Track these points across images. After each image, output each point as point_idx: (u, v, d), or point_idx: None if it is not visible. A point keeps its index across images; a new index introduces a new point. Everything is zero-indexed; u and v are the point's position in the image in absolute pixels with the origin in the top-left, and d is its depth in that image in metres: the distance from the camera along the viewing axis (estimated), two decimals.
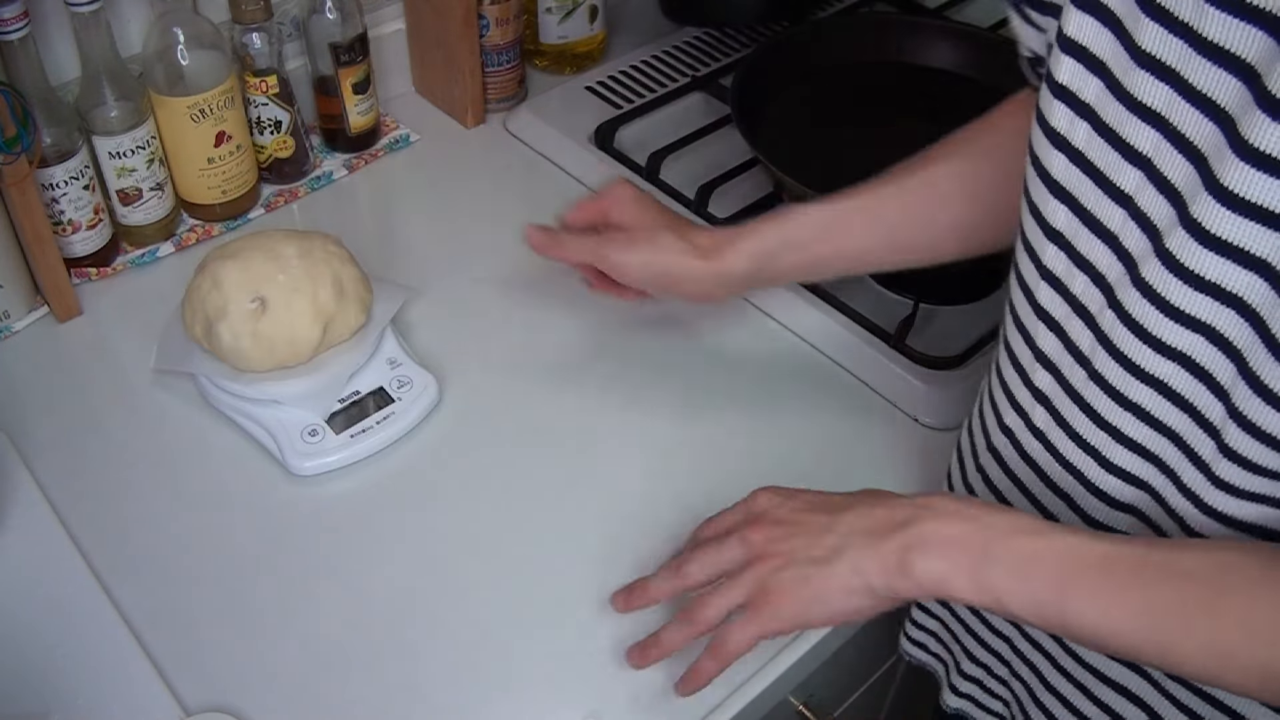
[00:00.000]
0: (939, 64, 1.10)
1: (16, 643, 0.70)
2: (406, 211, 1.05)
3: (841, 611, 0.58)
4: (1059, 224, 0.55)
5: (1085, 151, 0.52)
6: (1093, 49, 0.50)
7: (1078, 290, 0.55)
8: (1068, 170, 0.53)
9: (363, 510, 0.79)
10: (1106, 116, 0.50)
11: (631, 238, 0.78)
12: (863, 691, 1.01)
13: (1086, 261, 0.54)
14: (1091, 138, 0.51)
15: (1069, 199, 0.53)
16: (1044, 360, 0.59)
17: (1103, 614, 0.51)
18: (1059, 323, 0.57)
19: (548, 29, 1.17)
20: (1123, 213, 0.51)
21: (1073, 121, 0.52)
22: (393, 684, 0.70)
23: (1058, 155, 0.53)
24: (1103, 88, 0.50)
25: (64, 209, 0.89)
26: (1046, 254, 0.56)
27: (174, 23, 0.90)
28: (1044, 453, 0.61)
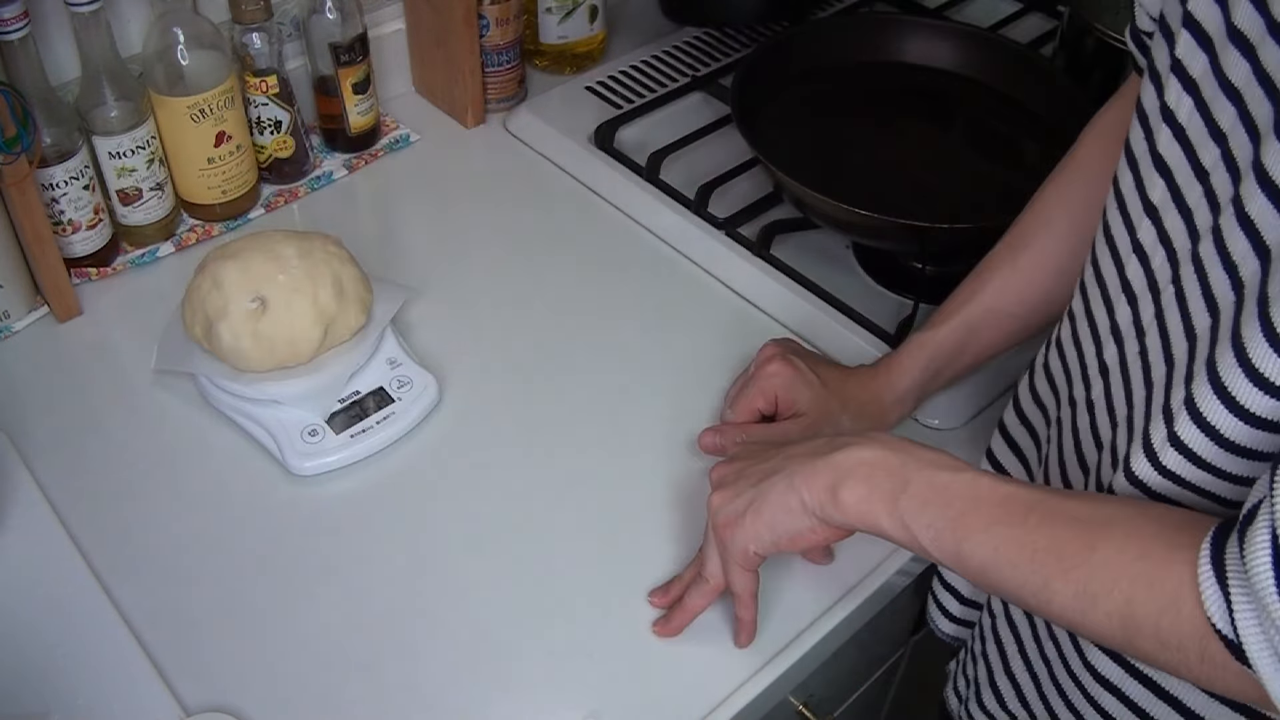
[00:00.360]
0: (939, 64, 1.10)
1: (16, 643, 0.70)
2: (406, 211, 1.05)
3: (790, 530, 0.63)
4: (1156, 198, 0.55)
5: (1186, 127, 0.53)
6: (1204, 24, 0.50)
7: (1156, 265, 0.56)
8: (1170, 145, 0.54)
9: (363, 510, 0.79)
10: (1205, 93, 0.51)
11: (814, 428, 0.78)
12: (863, 691, 1.01)
13: (1168, 236, 0.55)
14: (1192, 114, 0.52)
15: (1167, 174, 0.54)
16: (1115, 333, 0.60)
17: (992, 550, 0.54)
18: (1136, 297, 0.58)
19: (548, 29, 1.17)
20: (1200, 189, 0.52)
21: (1180, 96, 0.53)
22: (393, 684, 0.70)
23: (1164, 129, 0.54)
24: (1206, 64, 0.50)
25: (64, 209, 0.89)
26: (1142, 227, 0.57)
27: (174, 23, 0.90)
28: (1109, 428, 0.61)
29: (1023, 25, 1.27)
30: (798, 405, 0.78)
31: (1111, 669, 0.62)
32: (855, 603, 0.75)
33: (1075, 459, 0.65)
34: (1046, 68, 1.07)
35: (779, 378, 0.78)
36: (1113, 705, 0.63)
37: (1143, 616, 0.49)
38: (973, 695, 0.77)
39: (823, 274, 0.96)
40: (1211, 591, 0.46)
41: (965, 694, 0.79)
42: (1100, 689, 0.64)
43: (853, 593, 0.76)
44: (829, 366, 0.82)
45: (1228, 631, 0.46)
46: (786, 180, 0.93)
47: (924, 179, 1.01)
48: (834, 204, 0.90)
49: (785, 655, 0.72)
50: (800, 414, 0.78)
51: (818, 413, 0.78)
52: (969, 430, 0.87)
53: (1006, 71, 1.08)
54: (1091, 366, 0.63)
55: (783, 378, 0.78)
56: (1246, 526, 0.45)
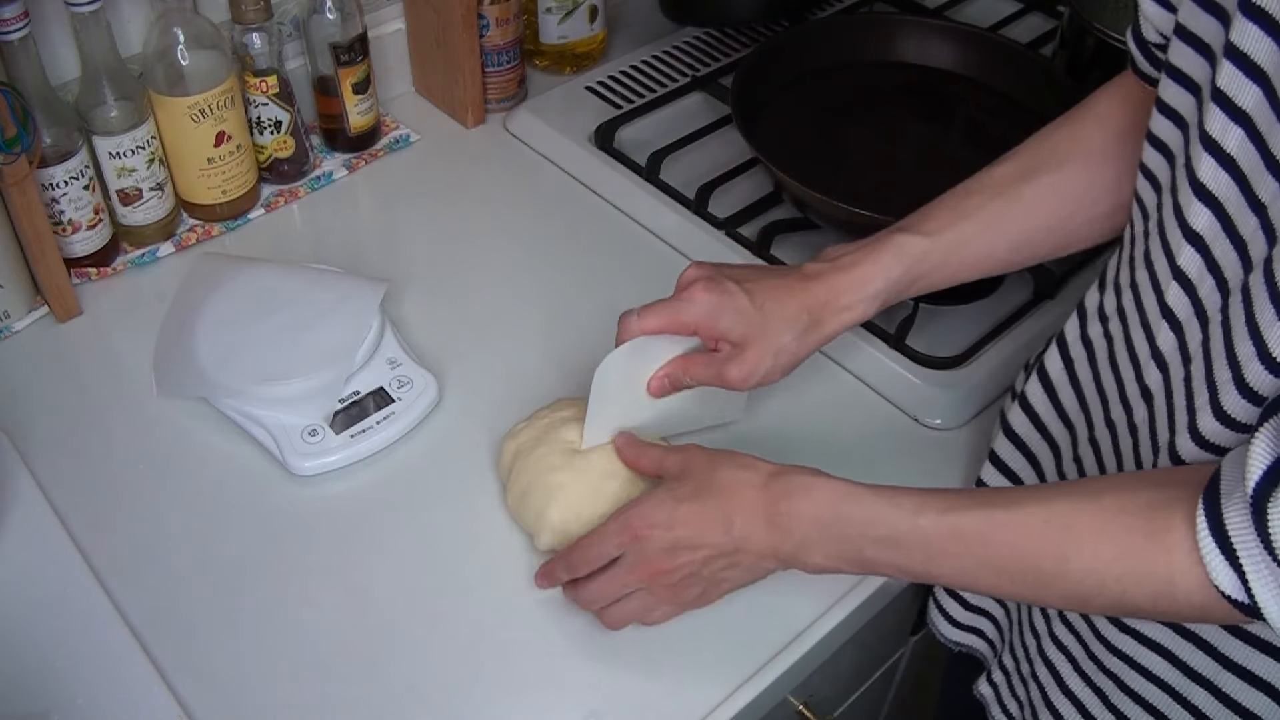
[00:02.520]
0: (939, 64, 1.10)
1: (16, 643, 0.70)
2: (406, 211, 1.05)
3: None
4: (1200, 226, 0.55)
5: (1237, 158, 0.52)
6: (1254, 56, 0.50)
7: (1204, 294, 0.55)
8: (1216, 173, 0.53)
9: (363, 510, 0.79)
10: (1260, 125, 0.50)
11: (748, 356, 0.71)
12: (863, 691, 1.01)
13: (1218, 266, 0.54)
14: (1244, 144, 0.51)
15: (1214, 203, 0.54)
16: (1158, 358, 0.60)
17: (971, 580, 0.59)
18: (1181, 324, 0.58)
19: (548, 29, 1.17)
20: (1255, 221, 0.51)
21: (1226, 126, 0.52)
22: (393, 684, 0.70)
23: (1207, 159, 0.53)
24: (1261, 96, 0.50)
25: (64, 209, 0.89)
26: (1183, 255, 0.56)
27: (174, 23, 0.90)
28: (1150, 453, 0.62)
29: (1023, 25, 1.27)
30: (726, 334, 0.71)
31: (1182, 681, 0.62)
32: (855, 603, 0.75)
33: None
34: (1046, 68, 1.07)
35: (698, 305, 0.70)
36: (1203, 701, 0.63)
37: (1137, 603, 0.52)
38: (1029, 717, 0.76)
39: None
40: (1220, 566, 0.48)
41: (1019, 716, 0.78)
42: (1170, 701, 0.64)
43: (853, 593, 0.76)
44: (766, 278, 0.72)
45: (1241, 598, 0.48)
46: (786, 180, 0.93)
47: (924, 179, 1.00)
48: (834, 204, 0.90)
49: (785, 655, 0.72)
50: (730, 341, 0.71)
51: (750, 339, 0.70)
52: (969, 430, 0.87)
53: (1006, 71, 1.08)
54: (1131, 390, 0.63)
55: (703, 305, 0.70)
56: (1265, 497, 0.46)
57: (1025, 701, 0.76)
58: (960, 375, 0.88)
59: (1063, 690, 0.71)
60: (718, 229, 0.99)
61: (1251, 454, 0.47)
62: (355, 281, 0.89)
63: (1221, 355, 0.53)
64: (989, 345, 0.90)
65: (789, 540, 0.63)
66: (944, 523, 0.58)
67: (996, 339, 0.91)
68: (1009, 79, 1.08)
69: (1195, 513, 0.49)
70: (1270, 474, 0.46)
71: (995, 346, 0.90)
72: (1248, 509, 0.47)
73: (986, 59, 1.09)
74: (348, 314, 0.86)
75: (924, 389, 0.87)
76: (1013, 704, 0.78)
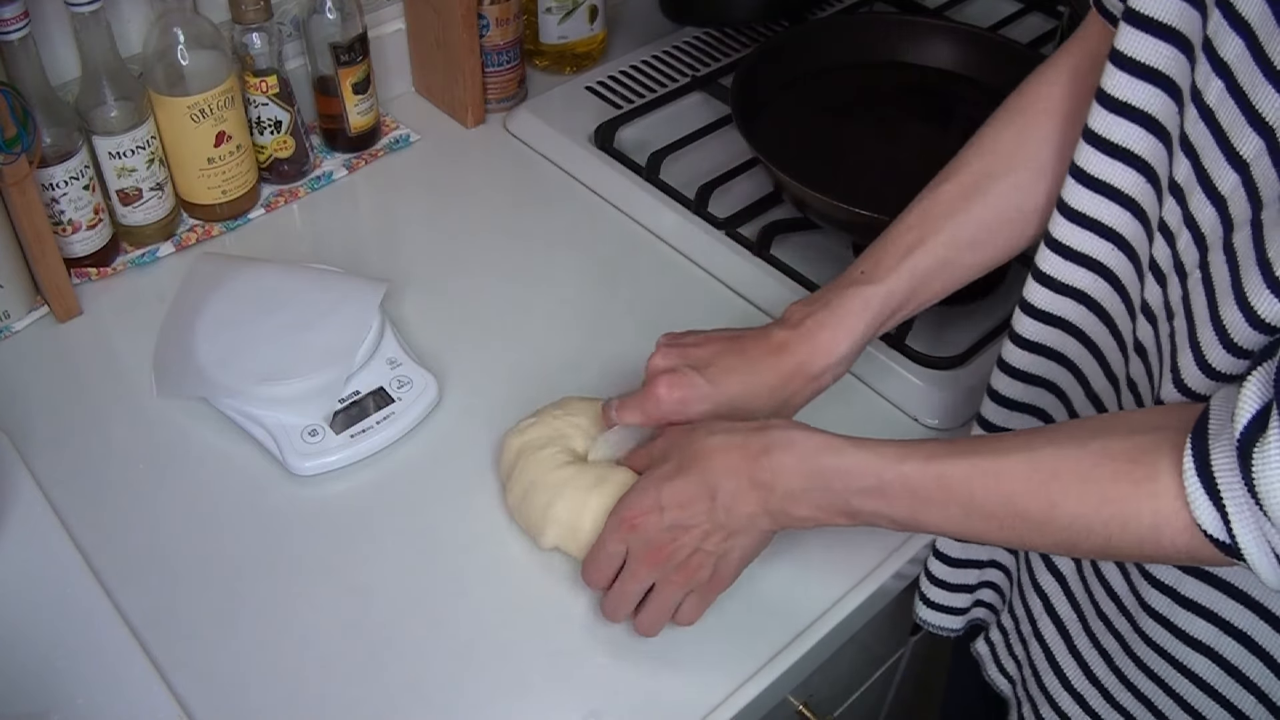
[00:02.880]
0: (939, 64, 1.10)
1: (16, 643, 0.70)
2: (407, 211, 1.05)
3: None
4: (1180, 177, 0.55)
5: (1216, 110, 0.52)
6: (1239, 6, 0.50)
7: (1181, 246, 0.55)
8: (1196, 124, 0.53)
9: (363, 510, 0.79)
10: (1241, 78, 0.50)
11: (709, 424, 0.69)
12: (863, 691, 1.01)
13: (1194, 219, 0.54)
14: (1223, 98, 0.51)
15: (1194, 155, 0.54)
16: (1147, 311, 0.60)
17: (957, 527, 0.58)
18: (1164, 275, 0.58)
19: (548, 29, 1.17)
20: (1235, 178, 0.51)
21: (1209, 78, 0.52)
22: (393, 684, 0.70)
23: (1190, 108, 0.53)
24: (1243, 48, 0.50)
25: (64, 209, 0.89)
26: (1165, 206, 0.57)
27: (174, 23, 0.90)
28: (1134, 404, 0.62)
29: (1023, 25, 1.27)
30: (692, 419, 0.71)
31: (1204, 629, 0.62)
32: (854, 603, 0.75)
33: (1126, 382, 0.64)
34: None
35: (665, 404, 0.70)
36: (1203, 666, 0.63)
37: (1123, 548, 0.53)
38: (1031, 677, 0.76)
39: (823, 274, 0.96)
40: (1204, 506, 0.48)
41: (1018, 676, 0.78)
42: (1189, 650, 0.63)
43: (852, 593, 0.76)
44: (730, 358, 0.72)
45: (1223, 538, 0.48)
46: (786, 180, 0.93)
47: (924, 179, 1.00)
48: (834, 204, 0.90)
49: (785, 655, 0.72)
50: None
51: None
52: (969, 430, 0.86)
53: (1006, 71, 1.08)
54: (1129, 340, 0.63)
55: (669, 404, 0.70)
56: (1251, 442, 0.46)
57: (1026, 661, 0.76)
58: (960, 375, 0.88)
59: (1070, 650, 0.71)
60: (718, 229, 0.99)
61: (1242, 396, 0.47)
62: (355, 281, 0.89)
63: (1205, 315, 0.53)
64: (989, 345, 0.90)
65: (774, 496, 0.63)
66: (929, 470, 0.58)
67: (996, 339, 0.91)
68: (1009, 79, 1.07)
69: (1182, 454, 0.49)
70: (1258, 418, 0.46)
71: (995, 346, 0.90)
72: (1234, 451, 0.47)
73: (986, 59, 1.09)
74: (348, 314, 0.86)
75: (924, 389, 0.87)
76: (1011, 663, 0.79)
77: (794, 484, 0.62)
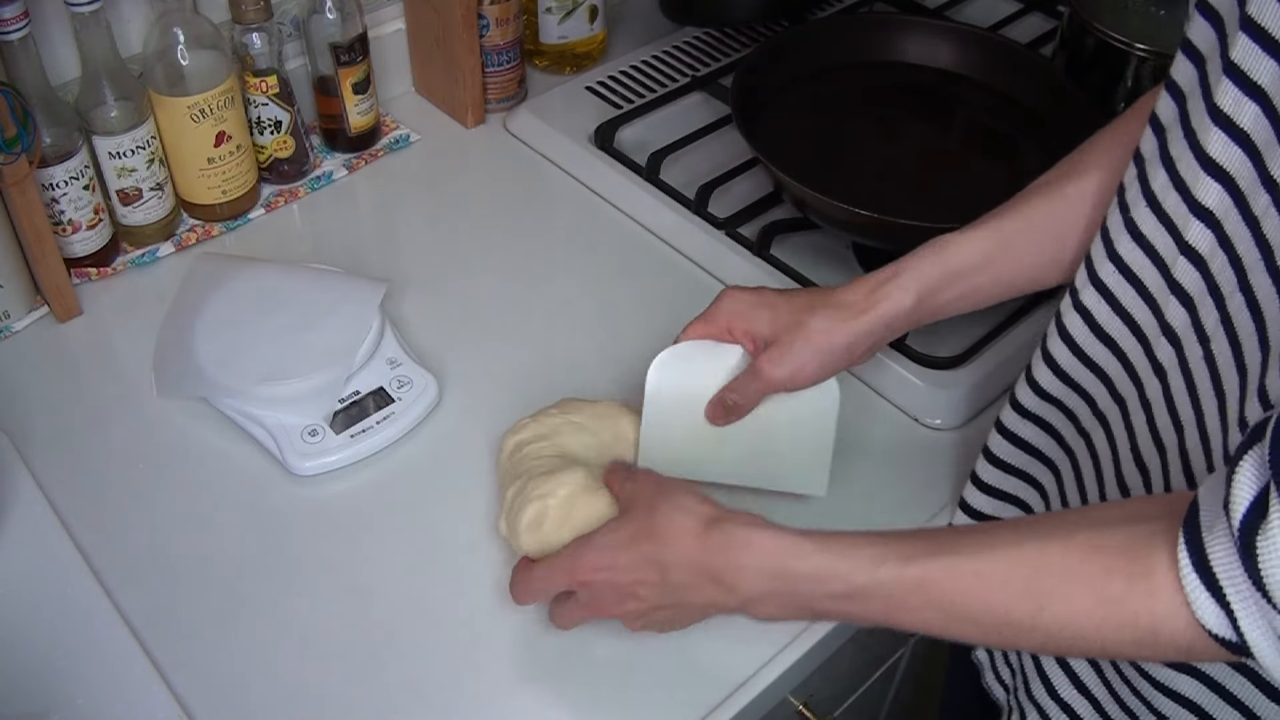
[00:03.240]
0: (939, 64, 1.10)
1: (16, 643, 0.70)
2: (406, 211, 1.05)
3: None
4: (1210, 201, 0.54)
5: (1251, 133, 0.51)
6: (1272, 30, 0.49)
7: (1216, 269, 0.54)
8: (1228, 148, 0.52)
9: (363, 510, 0.79)
10: (1277, 102, 0.49)
11: (781, 346, 0.71)
12: (863, 691, 1.01)
13: (1230, 242, 0.53)
14: (1259, 120, 0.50)
15: (1225, 178, 0.53)
16: (1170, 333, 0.59)
17: (939, 629, 0.56)
18: (1193, 299, 0.57)
19: (548, 29, 1.17)
20: (1267, 199, 0.50)
21: (1240, 101, 0.51)
22: (393, 684, 0.70)
23: (1216, 131, 0.52)
24: (1277, 73, 0.49)
25: (64, 209, 0.89)
26: (1190, 230, 0.55)
27: (174, 23, 0.90)
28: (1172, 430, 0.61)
29: (1023, 25, 1.27)
30: (756, 329, 0.72)
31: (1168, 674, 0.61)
32: None
33: (1131, 458, 0.63)
34: (1046, 68, 1.07)
35: (727, 304, 0.73)
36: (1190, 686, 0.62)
37: (1119, 648, 0.50)
38: (1021, 686, 0.76)
39: (823, 274, 0.96)
40: (1206, 604, 0.46)
41: (1012, 684, 0.78)
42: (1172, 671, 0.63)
43: None
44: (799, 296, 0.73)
45: (1229, 636, 0.46)
46: (786, 180, 0.93)
47: (924, 179, 1.01)
48: (834, 204, 0.90)
49: (785, 655, 0.72)
50: (763, 338, 0.72)
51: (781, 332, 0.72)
52: (969, 430, 0.87)
53: (1006, 71, 1.08)
54: (1141, 365, 0.61)
55: (732, 303, 0.72)
56: (1253, 530, 0.44)
57: (1019, 670, 0.76)
58: (960, 375, 0.88)
59: (1057, 660, 0.71)
60: (718, 229, 0.99)
61: (1236, 483, 0.45)
62: (355, 281, 0.89)
63: (1252, 336, 0.52)
64: (989, 345, 0.90)
65: (734, 595, 0.61)
66: (906, 575, 0.55)
67: (996, 339, 0.91)
68: (1009, 79, 1.08)
69: (1176, 549, 0.47)
70: (1257, 503, 0.44)
71: (995, 346, 0.90)
72: (1233, 543, 0.45)
73: (986, 59, 1.09)
74: (348, 314, 0.86)
75: (924, 389, 0.87)
76: (1006, 671, 0.79)
77: (757, 586, 0.60)
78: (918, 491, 0.83)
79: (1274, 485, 0.43)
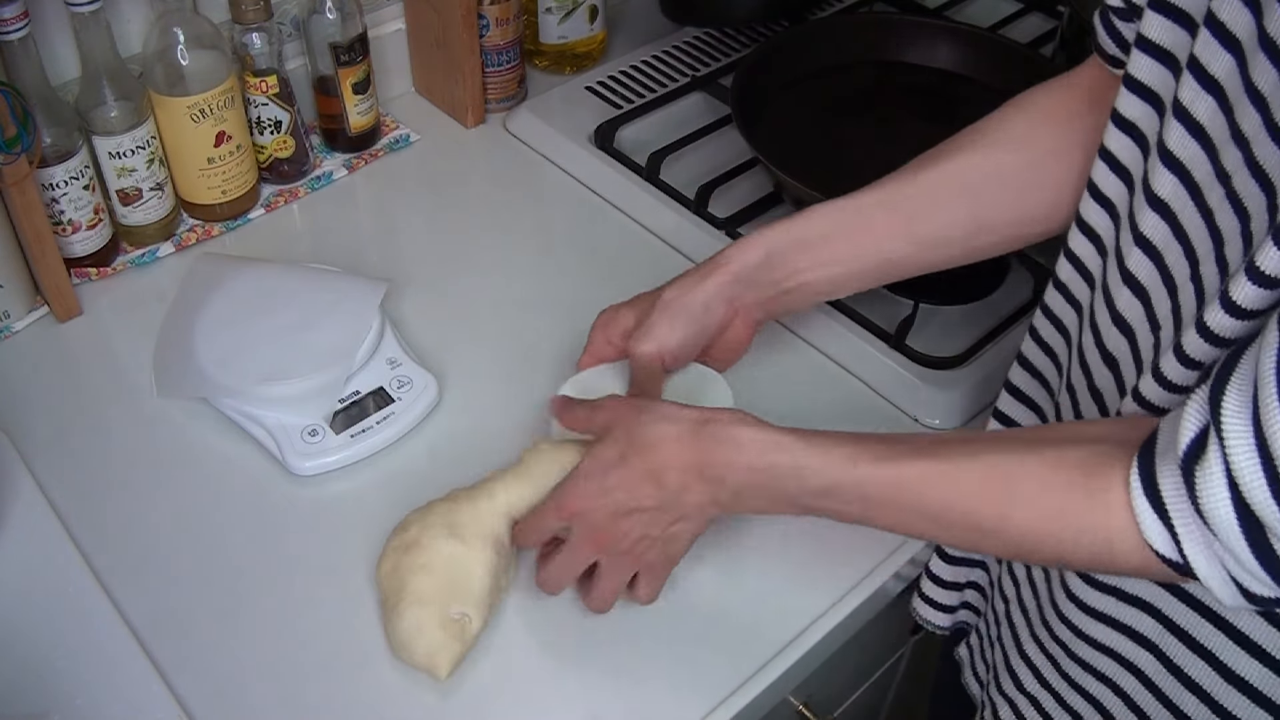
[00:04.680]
0: (939, 64, 1.10)
1: (16, 643, 0.70)
2: (406, 211, 1.05)
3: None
4: (1164, 193, 0.55)
5: (1207, 126, 0.52)
6: (1230, 26, 0.50)
7: (1170, 260, 0.56)
8: (1185, 141, 0.53)
9: (363, 510, 0.79)
10: (1230, 95, 0.50)
11: (642, 325, 0.74)
12: (863, 691, 1.01)
13: (1184, 233, 0.54)
14: (1215, 114, 0.51)
15: (1181, 170, 0.54)
16: (1121, 324, 0.60)
17: (910, 528, 0.59)
18: (1146, 289, 0.58)
19: (548, 29, 1.17)
20: (1220, 191, 0.52)
21: (1197, 94, 0.52)
22: (393, 683, 0.70)
23: (1176, 124, 0.53)
24: (1234, 65, 0.50)
25: (64, 209, 0.89)
26: (1146, 222, 0.57)
27: (174, 23, 0.91)
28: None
29: (1023, 25, 1.27)
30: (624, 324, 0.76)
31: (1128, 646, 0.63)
32: (855, 603, 0.75)
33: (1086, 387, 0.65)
34: (1046, 68, 1.07)
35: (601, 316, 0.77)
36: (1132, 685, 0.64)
37: (1077, 560, 0.53)
38: (992, 680, 0.77)
39: None
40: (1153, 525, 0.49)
41: (986, 679, 0.79)
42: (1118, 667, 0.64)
43: (852, 593, 0.76)
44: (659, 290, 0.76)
45: (1174, 557, 0.49)
46: (786, 180, 0.93)
47: None
48: None
49: (785, 655, 0.72)
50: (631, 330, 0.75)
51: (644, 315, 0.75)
52: (970, 430, 0.87)
53: (1006, 71, 1.08)
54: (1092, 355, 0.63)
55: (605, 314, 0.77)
56: (1194, 463, 0.47)
57: (991, 664, 0.77)
58: (960, 375, 0.88)
59: (1020, 655, 0.72)
60: (718, 229, 0.99)
61: (1185, 416, 0.48)
62: (355, 281, 0.89)
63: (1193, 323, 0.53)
64: (989, 345, 0.90)
65: (723, 490, 0.63)
66: (880, 473, 0.58)
67: (996, 339, 0.91)
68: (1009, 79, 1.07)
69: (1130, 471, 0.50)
70: (1197, 441, 0.47)
71: (995, 346, 0.90)
72: (1178, 471, 0.47)
73: (986, 59, 1.09)
74: (348, 314, 0.86)
75: (924, 389, 0.87)
76: (981, 666, 0.79)
77: (743, 480, 0.62)
78: None
79: (1212, 424, 0.46)
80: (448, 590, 0.68)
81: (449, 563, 0.68)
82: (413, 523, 0.71)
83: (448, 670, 0.67)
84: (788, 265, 0.74)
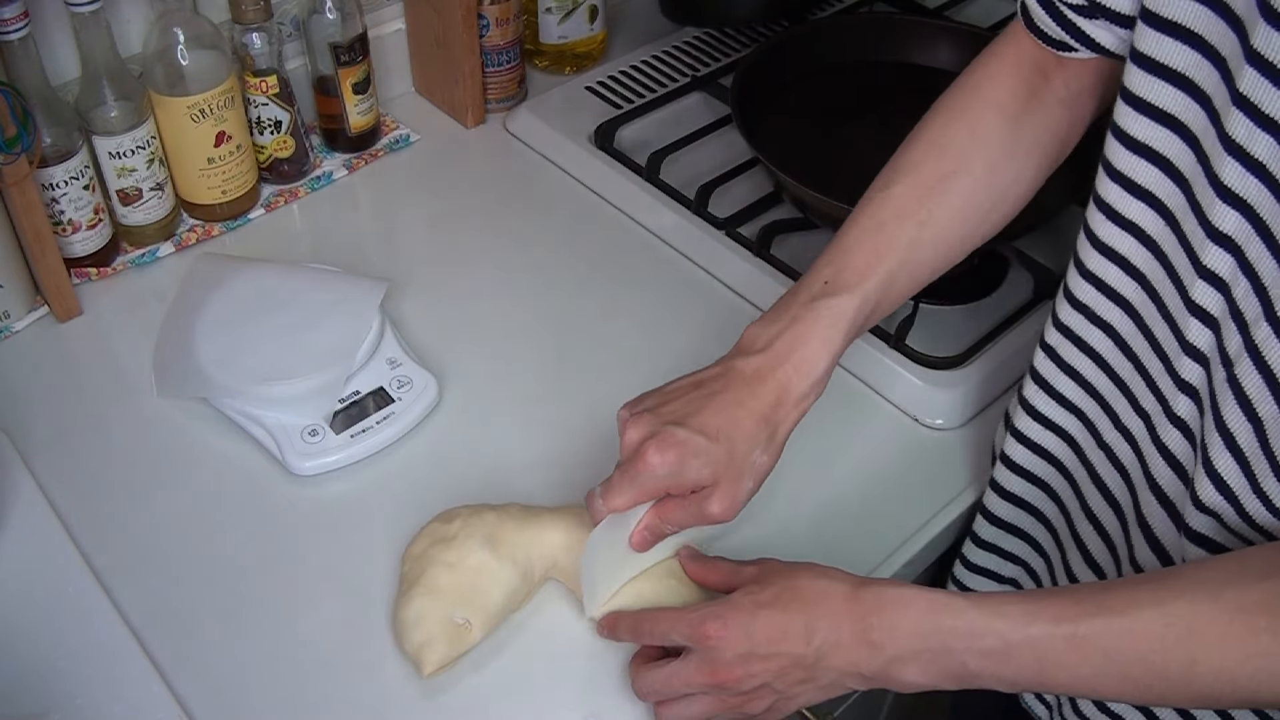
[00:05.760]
0: (939, 64, 1.10)
1: (16, 642, 0.70)
2: (406, 211, 1.05)
3: None
4: (1228, 228, 0.55)
5: (1267, 164, 0.52)
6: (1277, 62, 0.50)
7: (1239, 294, 0.55)
8: (1245, 179, 0.53)
9: (363, 510, 0.79)
10: None
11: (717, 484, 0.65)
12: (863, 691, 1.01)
13: (1253, 269, 0.54)
14: (1273, 150, 0.51)
15: (1244, 207, 0.54)
16: (1194, 354, 0.59)
17: (1088, 689, 0.56)
18: (1216, 320, 0.57)
19: (548, 29, 1.17)
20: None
21: (1253, 132, 0.52)
22: (392, 683, 0.70)
23: (1230, 161, 0.53)
24: None
25: (64, 209, 0.89)
26: (1208, 254, 0.56)
27: (174, 23, 0.90)
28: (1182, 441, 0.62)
29: None
30: (697, 483, 0.64)
31: None
32: None
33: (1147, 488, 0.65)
34: None
35: (660, 471, 0.63)
36: None
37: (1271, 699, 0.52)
38: (1067, 701, 0.75)
39: None
40: None
41: (1054, 700, 0.77)
42: None
43: None
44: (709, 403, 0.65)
45: None
46: (786, 180, 0.93)
47: None
48: (834, 204, 0.90)
49: None
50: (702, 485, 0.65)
51: (721, 473, 0.64)
52: (969, 430, 0.87)
53: None
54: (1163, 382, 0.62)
55: (664, 469, 0.63)
56: None
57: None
58: (960, 375, 0.88)
59: None
60: (718, 229, 0.99)
61: None
62: (355, 281, 0.89)
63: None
64: (989, 345, 0.90)
65: (879, 655, 0.59)
66: (1059, 632, 0.55)
67: (996, 339, 0.91)
68: None
69: None
70: None
71: (995, 346, 0.90)
72: None
73: None
74: (348, 314, 0.86)
75: (924, 389, 0.87)
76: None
77: (908, 645, 0.58)
78: (919, 492, 0.83)
79: None
80: (461, 593, 0.68)
81: (474, 570, 0.69)
82: (458, 518, 0.72)
83: (432, 668, 0.67)
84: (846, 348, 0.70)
